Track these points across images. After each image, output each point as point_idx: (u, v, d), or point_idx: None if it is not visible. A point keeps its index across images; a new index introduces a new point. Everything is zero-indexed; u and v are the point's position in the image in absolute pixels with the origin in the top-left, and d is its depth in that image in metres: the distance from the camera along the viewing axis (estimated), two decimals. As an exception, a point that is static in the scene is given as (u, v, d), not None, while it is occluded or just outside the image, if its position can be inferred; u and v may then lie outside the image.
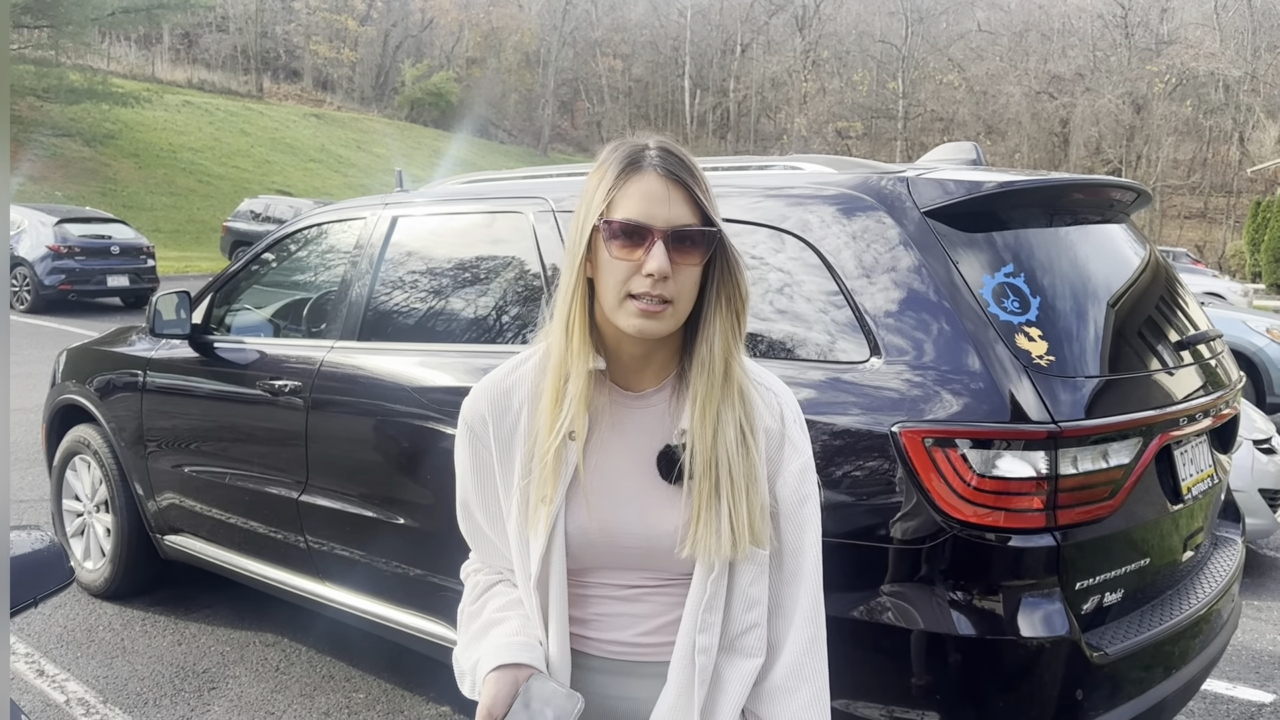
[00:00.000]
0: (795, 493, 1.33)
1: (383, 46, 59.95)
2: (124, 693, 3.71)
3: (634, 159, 1.26)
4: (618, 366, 1.34)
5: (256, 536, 3.84)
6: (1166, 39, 52.55)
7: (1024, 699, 2.24)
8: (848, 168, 2.74)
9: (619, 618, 1.36)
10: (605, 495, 1.32)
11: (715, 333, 1.28)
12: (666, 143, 1.29)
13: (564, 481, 1.31)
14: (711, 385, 1.28)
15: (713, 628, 1.29)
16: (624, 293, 1.24)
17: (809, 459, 1.36)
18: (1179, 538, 2.66)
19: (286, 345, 3.79)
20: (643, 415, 1.34)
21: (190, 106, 39.93)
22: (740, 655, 1.31)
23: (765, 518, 1.30)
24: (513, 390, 1.37)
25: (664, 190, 1.24)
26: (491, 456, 1.38)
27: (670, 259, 1.22)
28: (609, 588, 1.36)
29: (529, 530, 1.33)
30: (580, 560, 1.34)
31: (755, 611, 1.31)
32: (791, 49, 64.09)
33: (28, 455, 6.97)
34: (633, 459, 1.33)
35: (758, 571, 1.31)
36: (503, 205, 3.28)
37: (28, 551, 1.83)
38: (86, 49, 32.95)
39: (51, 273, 15.50)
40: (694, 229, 1.24)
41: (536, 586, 1.33)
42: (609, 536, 1.32)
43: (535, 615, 1.36)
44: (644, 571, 1.34)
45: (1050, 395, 2.23)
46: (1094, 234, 2.72)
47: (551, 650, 1.34)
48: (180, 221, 28.78)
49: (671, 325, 1.26)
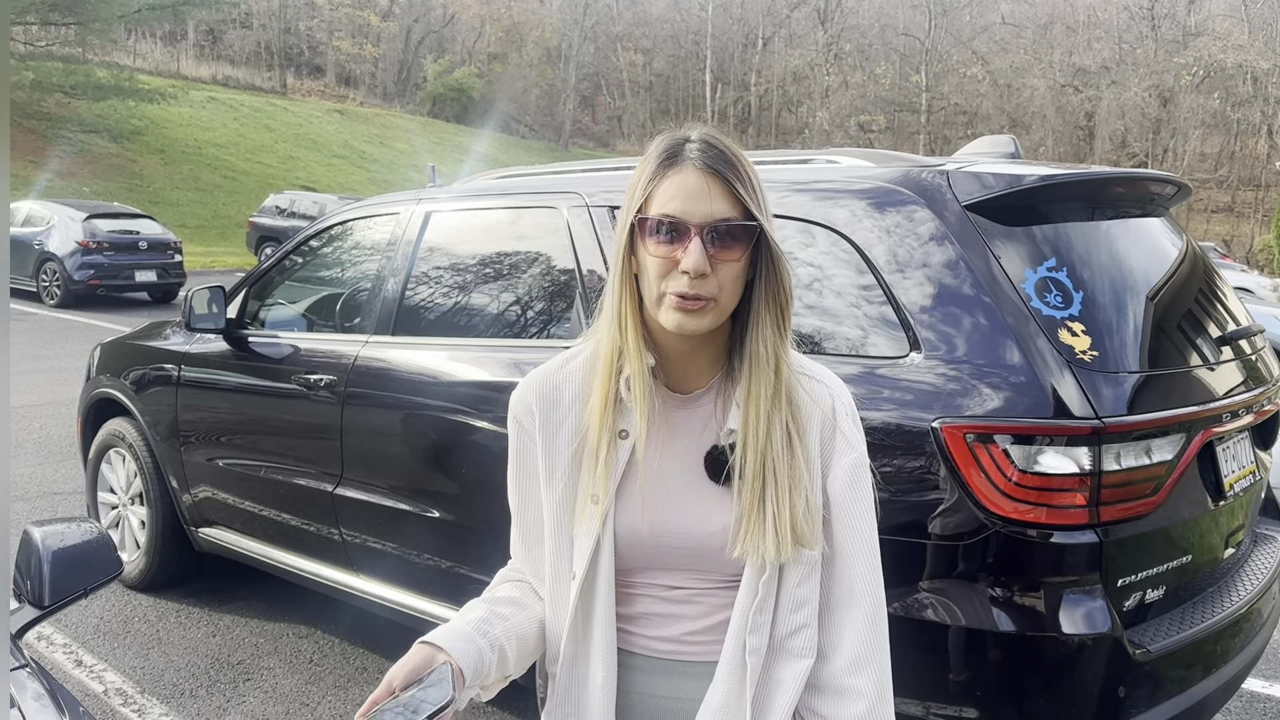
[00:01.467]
0: (846, 489, 1.30)
1: (405, 42, 60.14)
2: (160, 683, 3.75)
3: (673, 152, 1.23)
4: (665, 365, 1.31)
5: (291, 529, 3.87)
6: (1194, 31, 51.98)
7: (1065, 696, 2.22)
8: (886, 161, 2.73)
9: (666, 618, 1.34)
10: (655, 496, 1.30)
11: (765, 329, 1.25)
12: (710, 134, 1.24)
13: (614, 481, 1.29)
14: (761, 383, 1.25)
15: (763, 628, 1.27)
16: (662, 289, 1.22)
17: (862, 454, 1.32)
18: (1220, 535, 2.64)
19: (321, 340, 3.82)
20: (690, 416, 1.32)
21: (215, 103, 40.18)
22: (790, 656, 1.29)
23: (813, 519, 1.27)
24: (562, 386, 1.35)
25: (702, 184, 1.20)
26: (536, 449, 1.36)
27: (709, 255, 1.19)
28: (656, 588, 1.33)
29: (576, 530, 1.31)
30: (628, 560, 1.32)
31: (803, 612, 1.28)
32: (813, 42, 63.81)
33: (61, 448, 7.05)
34: (681, 460, 1.31)
35: (806, 572, 1.28)
36: (537, 200, 3.29)
37: (78, 542, 1.86)
38: (113, 46, 33.16)
39: (81, 268, 15.65)
40: (733, 223, 1.20)
41: (583, 586, 1.31)
42: (658, 537, 1.30)
43: (569, 617, 1.32)
44: (692, 573, 1.32)
45: (1093, 391, 2.21)
46: (1134, 228, 2.70)
47: (595, 652, 1.32)
48: (206, 217, 28.97)
49: (713, 321, 1.23)
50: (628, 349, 1.27)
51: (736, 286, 1.23)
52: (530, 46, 62.49)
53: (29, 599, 1.80)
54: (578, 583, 1.30)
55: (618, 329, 1.28)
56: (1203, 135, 50.18)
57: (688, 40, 68.26)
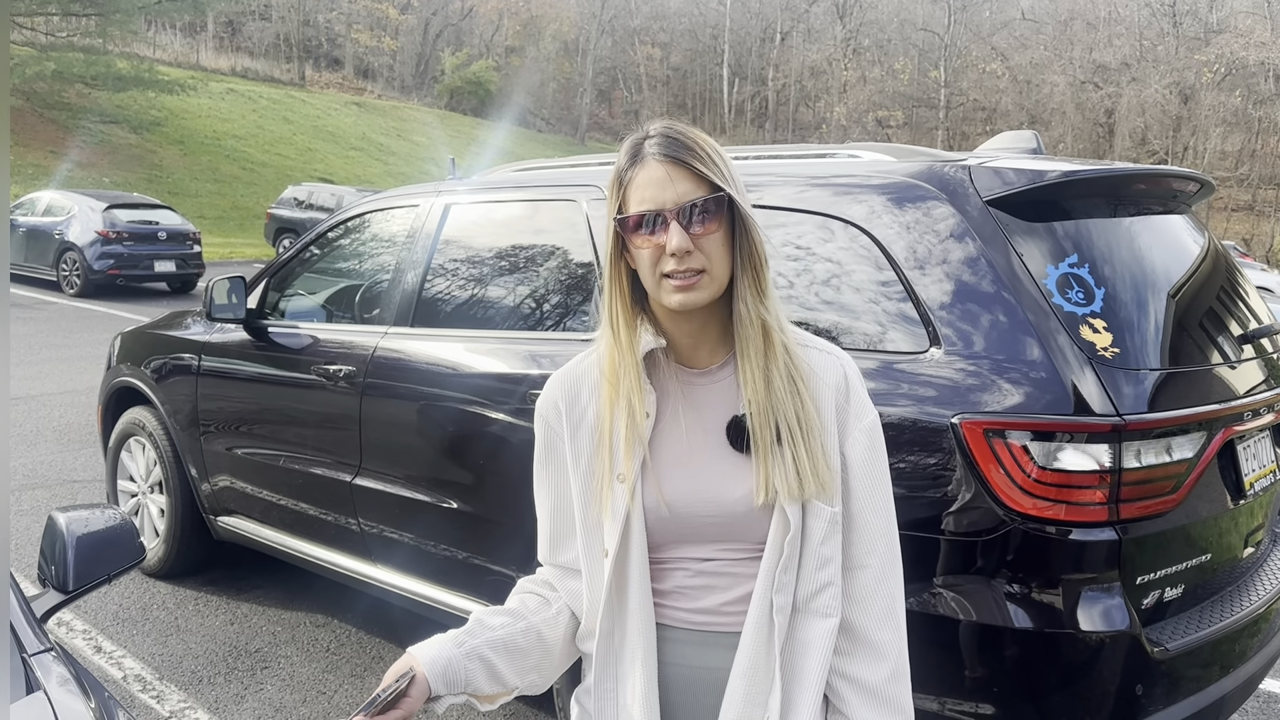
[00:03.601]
0: (865, 450, 1.36)
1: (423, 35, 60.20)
2: (179, 670, 3.79)
3: (635, 152, 1.33)
4: (677, 345, 1.39)
5: (309, 518, 3.90)
6: (1216, 28, 51.50)
7: (1082, 693, 2.22)
8: (907, 156, 2.72)
9: (698, 590, 1.38)
10: (680, 469, 1.36)
11: (744, 291, 1.33)
12: (667, 126, 1.33)
13: (638, 459, 1.35)
14: (748, 340, 1.32)
15: (788, 587, 1.32)
16: (658, 274, 1.30)
17: (875, 418, 1.39)
18: (1240, 534, 2.63)
19: (340, 331, 3.83)
20: (710, 391, 1.38)
21: (234, 94, 40.34)
22: (816, 615, 1.33)
23: (831, 464, 1.33)
24: (581, 379, 1.44)
25: (664, 174, 1.29)
26: (564, 444, 1.43)
27: (689, 233, 1.28)
28: (687, 562, 1.38)
29: (605, 509, 1.37)
30: (658, 536, 1.37)
31: (828, 570, 1.33)
32: (832, 37, 63.56)
33: (81, 436, 7.10)
34: (704, 433, 1.37)
35: (829, 529, 1.33)
36: (556, 193, 3.29)
37: (101, 528, 1.88)
38: (133, 37, 33.27)
39: (100, 257, 15.73)
40: (702, 199, 1.29)
41: (615, 562, 1.36)
42: (688, 508, 1.35)
43: (604, 593, 1.38)
44: (721, 544, 1.36)
45: (1114, 388, 2.20)
46: (1156, 224, 2.69)
47: (631, 626, 1.37)
48: (224, 208, 29.10)
49: (711, 292, 1.31)
50: (620, 347, 1.36)
51: (723, 254, 1.31)
52: (548, 40, 62.51)
53: (53, 584, 1.83)
54: (610, 559, 1.36)
55: (610, 331, 1.38)
56: (1224, 133, 49.73)
57: (705, 34, 68.12)
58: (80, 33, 30.46)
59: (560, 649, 1.46)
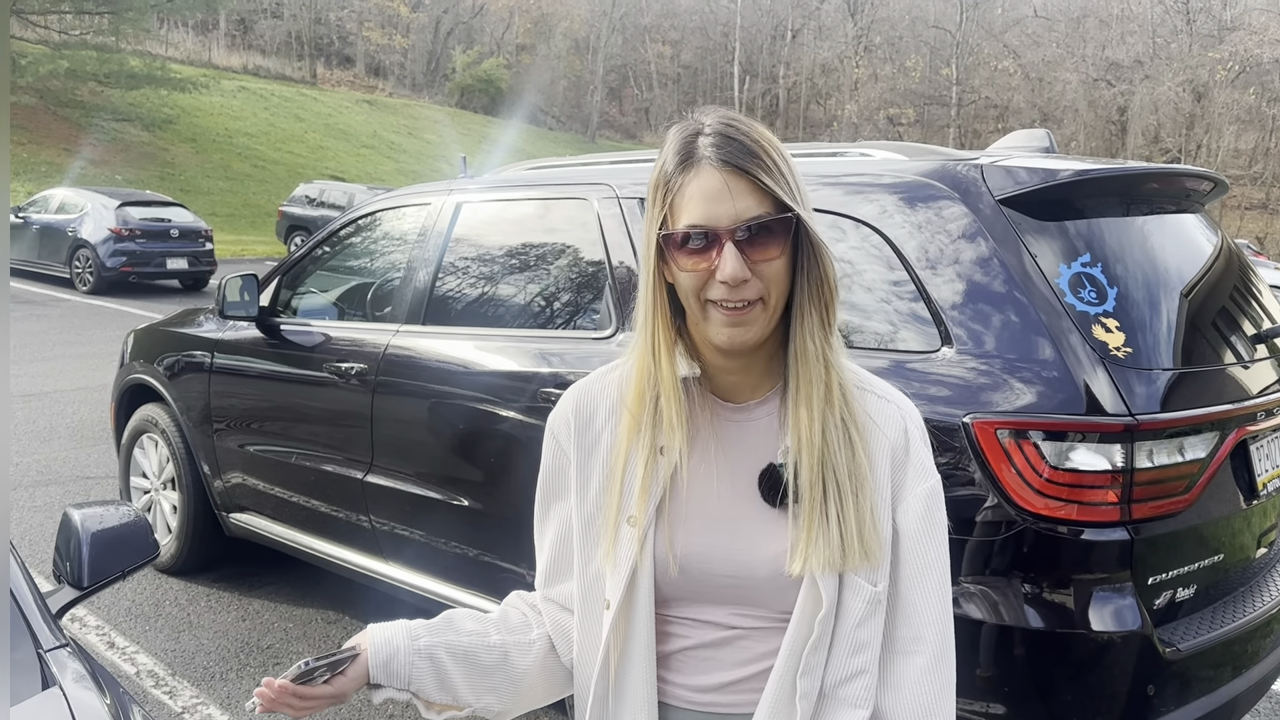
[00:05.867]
0: (920, 521, 1.17)
1: (434, 33, 60.29)
2: (191, 666, 3.81)
3: (687, 152, 1.11)
4: (715, 375, 1.20)
5: (321, 515, 3.91)
6: (1229, 25, 51.21)
7: (1094, 694, 2.22)
8: (919, 155, 2.72)
9: (704, 661, 1.20)
10: (701, 519, 1.18)
11: (811, 325, 1.14)
12: (725, 122, 1.12)
13: (653, 500, 1.18)
14: (811, 381, 1.14)
15: (815, 670, 1.14)
16: (703, 300, 1.12)
17: (937, 483, 1.19)
18: (1252, 534, 2.62)
19: (352, 329, 3.85)
20: (744, 430, 1.20)
21: (245, 92, 40.48)
22: (844, 705, 1.15)
23: (881, 533, 1.15)
24: (599, 399, 1.27)
25: (722, 184, 1.08)
26: (570, 465, 1.27)
27: (746, 257, 1.08)
28: (695, 625, 1.21)
29: (611, 554, 1.20)
30: (665, 590, 1.20)
31: (862, 657, 1.15)
32: (843, 34, 63.43)
33: (94, 433, 7.14)
34: (731, 478, 1.19)
35: (868, 610, 1.14)
36: (567, 192, 3.30)
37: (116, 525, 1.89)
38: (146, 35, 33.41)
39: (113, 255, 15.81)
40: (766, 219, 1.09)
41: (617, 618, 1.19)
42: (703, 565, 1.17)
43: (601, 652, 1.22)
44: (736, 608, 1.19)
45: (1126, 387, 2.20)
46: (1169, 224, 2.68)
47: (630, 695, 1.21)
48: (236, 205, 29.21)
49: (763, 328, 1.13)
50: (661, 375, 1.17)
51: (783, 282, 1.12)
52: (558, 38, 62.52)
53: (68, 580, 1.84)
54: (611, 613, 1.19)
55: (649, 352, 1.19)
56: (1237, 131, 49.48)
57: (716, 32, 68.06)
58: (93, 31, 30.61)
59: (528, 681, 1.30)
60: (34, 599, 1.65)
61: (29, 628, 1.57)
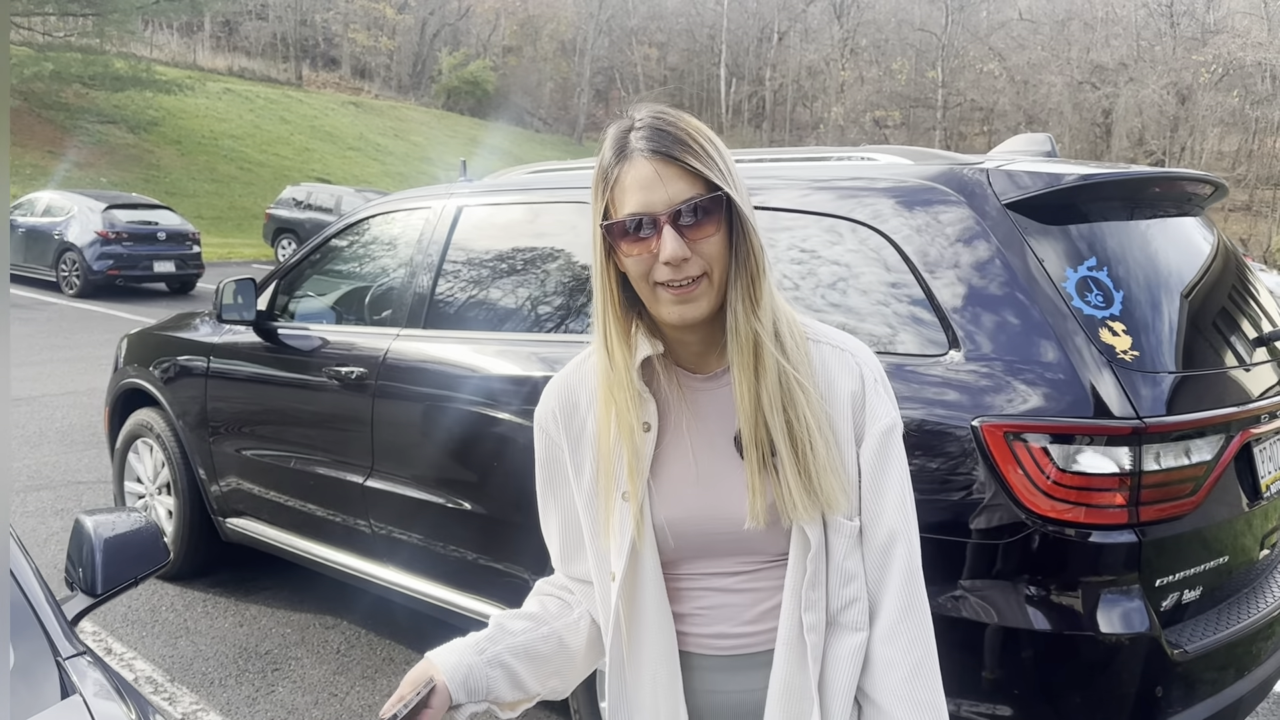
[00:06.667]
0: (874, 456, 1.26)
1: (420, 35, 60.16)
2: (190, 672, 3.79)
3: (620, 146, 1.20)
4: (677, 350, 1.29)
5: (321, 520, 3.89)
6: (1213, 28, 51.56)
7: (1102, 695, 2.23)
8: (924, 159, 2.73)
9: (719, 609, 1.30)
10: (690, 482, 1.28)
11: (736, 301, 1.21)
12: (654, 115, 1.20)
13: (643, 474, 1.27)
14: (742, 350, 1.21)
15: (818, 605, 1.25)
16: (652, 283, 1.20)
17: (893, 421, 1.28)
18: (1256, 536, 2.64)
19: (351, 333, 3.84)
20: (715, 397, 1.29)
21: (231, 94, 40.26)
22: (844, 630, 1.27)
23: (844, 478, 1.24)
24: (578, 387, 1.35)
25: (653, 173, 1.17)
26: (564, 455, 1.36)
27: (685, 237, 1.17)
28: (705, 578, 1.31)
29: (611, 529, 1.29)
30: (671, 553, 1.29)
31: (853, 586, 1.26)
32: (829, 37, 63.57)
33: (84, 438, 7.10)
34: (709, 442, 1.28)
35: (850, 545, 1.26)
36: (570, 196, 3.29)
37: (128, 531, 1.88)
38: (130, 37, 33.17)
39: (100, 258, 15.71)
40: (698, 199, 1.17)
41: (623, 586, 1.28)
42: (698, 525, 1.27)
43: (612, 619, 1.31)
44: (738, 557, 1.29)
45: (1134, 391, 2.21)
46: (1171, 227, 2.70)
47: (648, 656, 1.30)
48: (222, 208, 29.06)
49: (710, 302, 1.21)
50: (614, 362, 1.26)
51: (723, 257, 1.20)
52: (545, 40, 62.49)
53: (81, 587, 1.83)
54: (617, 583, 1.29)
55: (602, 342, 1.27)
56: (1221, 133, 49.80)
57: (703, 34, 68.10)
58: (78, 33, 30.42)
59: (582, 655, 1.41)
60: (50, 607, 1.64)
61: (47, 636, 1.56)
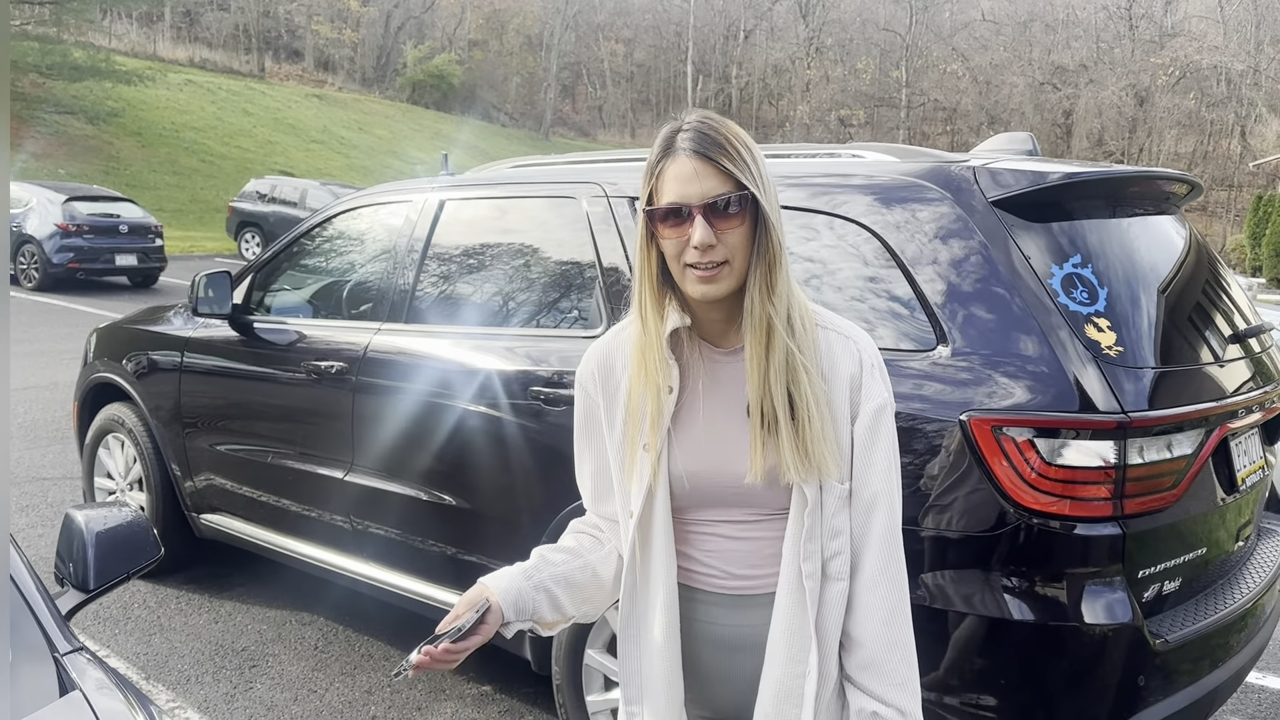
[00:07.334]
0: (865, 430, 1.44)
1: (384, 27, 59.61)
2: (165, 669, 3.74)
3: (668, 144, 1.39)
4: (703, 325, 1.48)
5: (299, 516, 3.86)
6: (1170, 31, 52.37)
7: (1086, 685, 2.26)
8: (911, 156, 2.75)
9: (724, 553, 1.49)
10: (704, 440, 1.47)
11: (754, 288, 1.39)
12: (702, 120, 1.39)
13: (663, 430, 1.46)
14: (755, 330, 1.39)
15: (815, 555, 1.42)
16: (683, 264, 1.39)
17: (883, 401, 1.45)
18: (1231, 529, 2.69)
19: (330, 327, 3.80)
20: (732, 368, 1.47)
21: (192, 85, 39.68)
22: (831, 579, 1.44)
23: (837, 447, 1.42)
24: (615, 352, 1.54)
25: (692, 170, 1.36)
26: (600, 411, 1.55)
27: (713, 227, 1.36)
28: (712, 525, 1.49)
29: (632, 475, 1.48)
30: (684, 499, 1.48)
31: (839, 540, 1.43)
32: (795, 35, 63.83)
33: (48, 433, 6.99)
34: (726, 408, 1.46)
35: (839, 504, 1.43)
36: (555, 190, 3.29)
37: (119, 525, 1.86)
38: (89, 26, 32.60)
39: (60, 250, 15.42)
40: (726, 196, 1.36)
41: (639, 523, 1.47)
42: (708, 477, 1.46)
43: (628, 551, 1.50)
44: (741, 508, 1.47)
45: (1118, 386, 2.25)
46: (1150, 225, 2.74)
47: (655, 584, 1.49)
48: (183, 201, 28.64)
49: (730, 284, 1.39)
50: (648, 330, 1.45)
51: (744, 248, 1.39)
52: (511, 34, 62.19)
53: (73, 583, 1.80)
54: (634, 520, 1.48)
55: (638, 313, 1.46)
56: (1178, 135, 50.63)
57: (669, 31, 68.09)
58: (35, 21, 29.79)
59: (611, 584, 1.59)
60: (45, 603, 1.62)
61: (44, 632, 1.54)
